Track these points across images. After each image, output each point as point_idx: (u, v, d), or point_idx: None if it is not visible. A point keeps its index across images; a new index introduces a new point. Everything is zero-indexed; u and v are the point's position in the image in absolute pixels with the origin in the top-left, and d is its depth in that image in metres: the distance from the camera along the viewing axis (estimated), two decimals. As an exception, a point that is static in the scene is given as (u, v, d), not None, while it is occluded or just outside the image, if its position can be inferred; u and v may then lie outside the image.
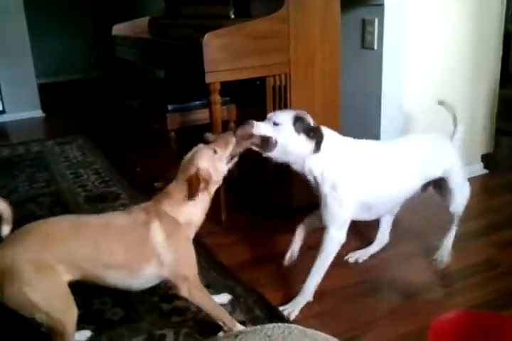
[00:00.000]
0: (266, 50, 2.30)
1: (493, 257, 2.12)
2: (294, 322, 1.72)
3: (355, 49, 2.64)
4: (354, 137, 1.90)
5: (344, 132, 2.59)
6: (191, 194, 1.50)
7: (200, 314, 1.78)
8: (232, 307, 1.82)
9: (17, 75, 4.75)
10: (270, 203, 2.58)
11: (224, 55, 2.21)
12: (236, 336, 1.12)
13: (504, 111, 3.09)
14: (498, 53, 2.89)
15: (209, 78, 2.21)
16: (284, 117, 1.72)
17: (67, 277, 1.45)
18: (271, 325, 1.15)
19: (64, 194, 2.95)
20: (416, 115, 2.64)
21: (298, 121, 1.71)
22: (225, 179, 2.44)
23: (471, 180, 2.90)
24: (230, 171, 1.68)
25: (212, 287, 1.94)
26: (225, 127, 2.58)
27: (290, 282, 1.98)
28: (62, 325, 1.42)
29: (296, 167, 1.78)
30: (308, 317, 1.76)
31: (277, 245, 2.25)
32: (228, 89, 2.44)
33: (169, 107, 2.57)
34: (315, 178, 1.77)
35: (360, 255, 2.12)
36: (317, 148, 1.71)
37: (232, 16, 2.59)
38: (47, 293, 1.40)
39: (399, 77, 2.57)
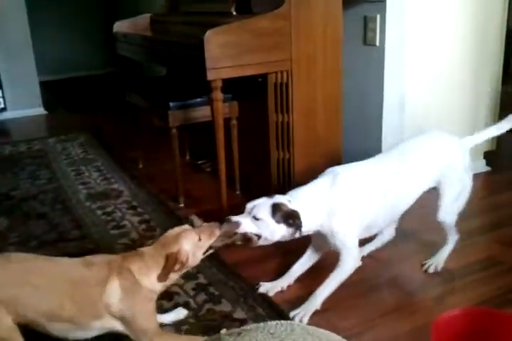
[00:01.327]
0: (268, 47, 2.29)
1: (496, 254, 2.11)
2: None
3: (357, 46, 2.63)
4: (355, 134, 1.88)
5: (346, 129, 2.60)
6: (164, 272, 1.49)
7: (201, 311, 1.78)
8: (232, 305, 1.81)
9: (19, 73, 4.75)
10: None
11: (225, 52, 2.20)
12: (239, 334, 1.12)
13: (506, 108, 3.08)
14: (500, 50, 2.88)
15: (210, 75, 2.21)
16: (263, 210, 1.69)
17: (12, 320, 1.42)
18: (273, 323, 1.15)
19: (65, 191, 2.95)
20: (418, 111, 2.63)
21: (276, 210, 1.69)
22: (226, 176, 2.46)
23: (473, 177, 2.91)
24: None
25: (214, 285, 1.94)
26: (227, 124, 2.58)
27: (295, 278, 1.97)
28: None
29: (287, 239, 1.75)
30: (311, 315, 1.76)
31: (278, 243, 2.23)
32: (230, 86, 2.44)
33: (171, 104, 2.56)
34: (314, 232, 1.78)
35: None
36: (299, 232, 1.70)
37: (234, 13, 2.58)
38: None
39: (401, 74, 2.56)
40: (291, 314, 1.78)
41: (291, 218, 1.69)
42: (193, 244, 1.54)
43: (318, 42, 2.41)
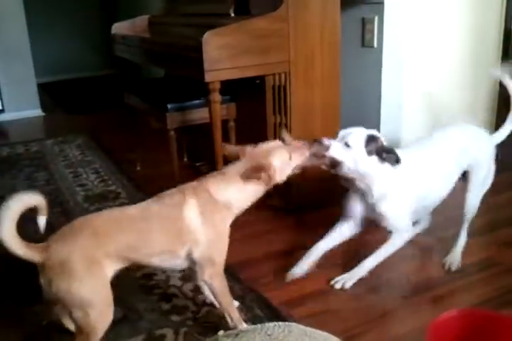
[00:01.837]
0: (266, 49, 2.29)
1: (495, 255, 2.11)
2: (295, 320, 1.72)
3: (355, 47, 2.64)
4: None
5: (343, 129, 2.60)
6: (246, 173, 1.52)
7: (199, 313, 1.78)
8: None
9: (16, 74, 4.75)
10: (270, 203, 2.57)
11: (224, 53, 2.20)
12: (236, 335, 1.12)
13: (504, 108, 3.08)
14: (497, 51, 2.89)
15: (209, 77, 2.21)
16: (357, 139, 1.73)
17: (114, 268, 1.48)
18: (271, 324, 1.15)
19: (63, 193, 2.94)
20: (415, 113, 2.63)
21: (370, 142, 1.73)
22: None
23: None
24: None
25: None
26: (225, 126, 2.58)
27: (293, 279, 1.97)
28: (93, 328, 1.43)
29: (358, 183, 1.80)
30: (309, 316, 1.76)
31: (277, 244, 2.24)
32: (228, 87, 2.44)
33: (169, 106, 2.56)
34: (378, 196, 1.81)
35: None
36: (394, 166, 1.74)
37: (232, 14, 2.59)
38: (92, 292, 1.42)
39: (398, 75, 2.56)
40: (334, 280, 1.90)
41: (387, 152, 1.71)
42: (283, 161, 1.56)
43: (316, 43, 2.41)
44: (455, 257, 2.04)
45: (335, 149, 1.72)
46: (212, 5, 2.77)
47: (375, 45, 2.52)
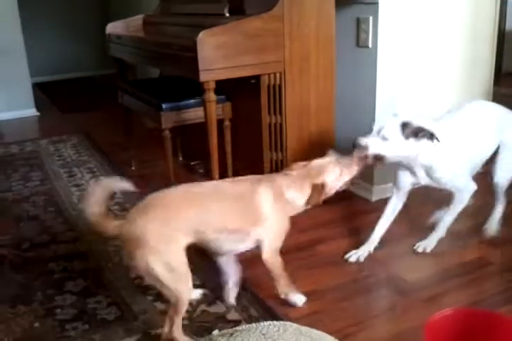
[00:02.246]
0: (261, 49, 2.30)
1: (487, 255, 2.12)
2: (290, 320, 1.72)
3: (350, 47, 2.63)
4: (348, 135, 1.92)
5: (339, 130, 2.61)
6: (313, 198, 1.70)
7: (194, 313, 1.78)
8: (226, 306, 1.81)
9: (11, 74, 4.72)
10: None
11: (218, 53, 2.21)
12: (231, 334, 1.12)
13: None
14: (492, 51, 2.90)
15: (203, 76, 2.21)
16: (392, 130, 1.85)
17: (186, 241, 1.57)
18: (266, 323, 1.16)
19: (58, 193, 2.94)
20: (409, 113, 2.62)
21: (404, 129, 1.85)
22: (220, 177, 2.45)
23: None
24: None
25: (207, 285, 1.94)
26: (220, 125, 2.58)
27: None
28: (178, 296, 1.54)
29: (405, 164, 1.97)
30: (304, 315, 1.76)
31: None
32: (223, 87, 2.44)
33: (163, 106, 2.56)
34: (426, 168, 1.96)
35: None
36: (431, 140, 1.86)
37: (227, 14, 2.59)
38: (168, 263, 1.51)
39: (393, 75, 2.57)
40: (416, 245, 2.10)
41: (420, 131, 1.84)
42: (334, 178, 1.73)
43: (312, 43, 2.42)
44: (493, 224, 2.23)
45: (375, 146, 1.84)
46: (206, 5, 2.77)
47: (370, 45, 2.51)
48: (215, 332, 1.63)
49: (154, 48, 2.75)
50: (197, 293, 1.88)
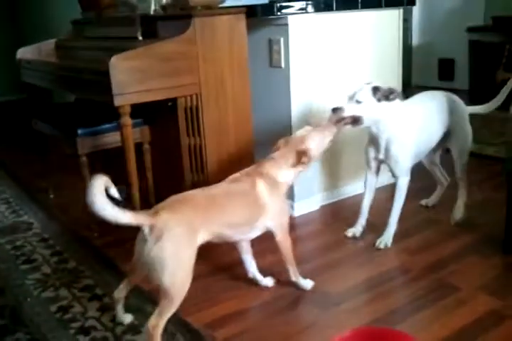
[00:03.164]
0: (175, 72, 2.30)
1: (406, 262, 2.21)
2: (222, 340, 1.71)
3: (264, 67, 2.70)
4: (265, 152, 2.01)
5: (257, 148, 2.65)
6: (299, 163, 1.91)
7: (119, 343, 1.73)
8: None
9: None
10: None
11: (132, 77, 2.19)
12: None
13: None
14: (398, 67, 3.06)
15: (118, 101, 2.18)
16: (364, 94, 2.10)
17: (202, 240, 1.72)
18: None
19: (-30, 227, 2.78)
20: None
21: (376, 92, 2.09)
22: (142, 200, 2.42)
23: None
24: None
25: (133, 314, 1.88)
26: (139, 149, 2.55)
27: (211, 302, 1.97)
28: (176, 292, 1.62)
29: (373, 130, 2.20)
30: (232, 337, 1.76)
31: (195, 267, 2.22)
32: (141, 110, 2.42)
33: (79, 131, 2.50)
34: (386, 139, 2.20)
35: (432, 200, 2.74)
36: (400, 99, 2.15)
37: (140, 38, 2.58)
38: (185, 259, 1.64)
39: (307, 93, 2.65)
40: (376, 243, 2.30)
41: (391, 93, 2.10)
42: (317, 141, 1.95)
43: (226, 65, 2.45)
44: (459, 212, 2.51)
45: (350, 109, 2.09)
46: (120, 28, 2.75)
47: (283, 65, 2.58)
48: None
49: (67, 73, 2.69)
50: (129, 318, 1.86)
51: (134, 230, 2.39)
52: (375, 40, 2.88)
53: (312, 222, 2.67)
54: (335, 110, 2.09)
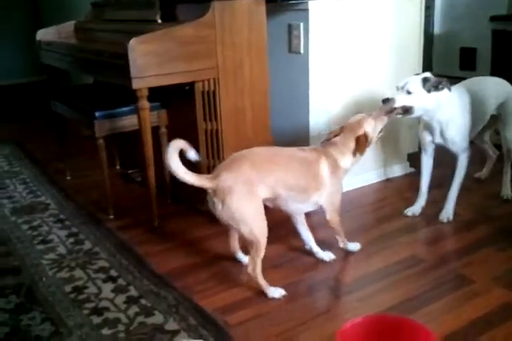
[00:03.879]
0: (193, 56, 2.29)
1: (418, 253, 2.19)
2: (230, 326, 1.72)
3: (283, 53, 2.68)
4: (285, 138, 2.02)
5: (276, 135, 2.64)
6: (360, 149, 2.03)
7: (132, 325, 1.75)
8: (164, 316, 1.79)
9: None
10: (204, 209, 2.57)
11: (150, 60, 2.19)
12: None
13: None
14: (419, 54, 3.01)
15: (136, 84, 2.18)
16: (415, 84, 2.16)
17: (264, 195, 1.88)
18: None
19: (-11, 206, 2.82)
20: (342, 115, 2.69)
21: (426, 83, 2.15)
22: (157, 185, 2.43)
23: (399, 178, 3.02)
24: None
25: (145, 297, 1.91)
26: (156, 133, 2.55)
27: (224, 287, 1.98)
28: (257, 238, 1.83)
29: (426, 118, 2.27)
30: (244, 322, 1.76)
31: (211, 251, 2.24)
32: (159, 94, 2.42)
33: (96, 114, 2.51)
34: (441, 124, 2.27)
35: (484, 173, 2.92)
36: (449, 89, 2.19)
37: (159, 21, 2.57)
38: (253, 211, 1.84)
39: (326, 80, 2.62)
40: (440, 216, 2.43)
41: (440, 83, 2.15)
42: (372, 127, 2.07)
43: (244, 49, 2.43)
44: (506, 188, 2.65)
45: (401, 99, 2.16)
46: (139, 11, 2.74)
47: (302, 51, 2.56)
48: None
49: (86, 55, 2.69)
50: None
51: (149, 214, 2.43)
52: (395, 27, 2.83)
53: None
54: (385, 101, 2.16)
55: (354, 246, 2.19)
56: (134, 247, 2.27)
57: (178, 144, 1.77)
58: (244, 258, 2.08)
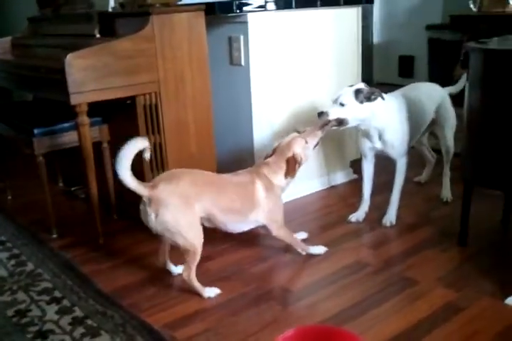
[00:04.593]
0: (133, 69, 2.27)
1: (364, 257, 2.24)
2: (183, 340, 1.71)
3: (224, 65, 2.69)
4: (228, 149, 2.17)
5: (218, 146, 2.64)
6: (290, 171, 2.11)
7: (78, 346, 1.70)
8: (111, 336, 1.74)
9: None
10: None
11: (88, 75, 2.16)
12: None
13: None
14: (358, 65, 3.09)
15: (74, 99, 2.15)
16: (347, 97, 2.21)
17: (199, 213, 1.93)
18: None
19: None
20: (284, 128, 2.72)
21: (358, 94, 2.21)
22: (102, 201, 2.39)
23: (343, 185, 3.08)
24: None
25: (91, 317, 1.86)
26: (98, 149, 2.51)
27: (173, 302, 1.96)
28: (194, 247, 1.89)
29: (363, 127, 2.33)
30: (195, 335, 1.75)
31: (157, 266, 2.20)
32: (100, 109, 2.38)
33: (35, 131, 2.44)
34: (379, 131, 2.33)
35: (424, 177, 3.00)
36: (382, 98, 2.24)
37: (98, 35, 2.54)
38: (188, 221, 1.90)
39: (267, 91, 2.66)
40: (383, 221, 2.47)
41: (372, 94, 2.22)
42: (302, 147, 2.14)
43: (185, 63, 2.43)
44: (447, 190, 2.74)
45: (335, 112, 2.22)
46: (77, 26, 2.70)
47: (243, 63, 2.58)
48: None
49: (23, 71, 2.63)
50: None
51: (93, 232, 2.38)
52: (334, 37, 2.90)
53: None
54: (320, 114, 2.22)
55: (318, 250, 2.23)
56: (78, 266, 2.22)
57: (142, 144, 1.85)
58: (175, 269, 2.13)
